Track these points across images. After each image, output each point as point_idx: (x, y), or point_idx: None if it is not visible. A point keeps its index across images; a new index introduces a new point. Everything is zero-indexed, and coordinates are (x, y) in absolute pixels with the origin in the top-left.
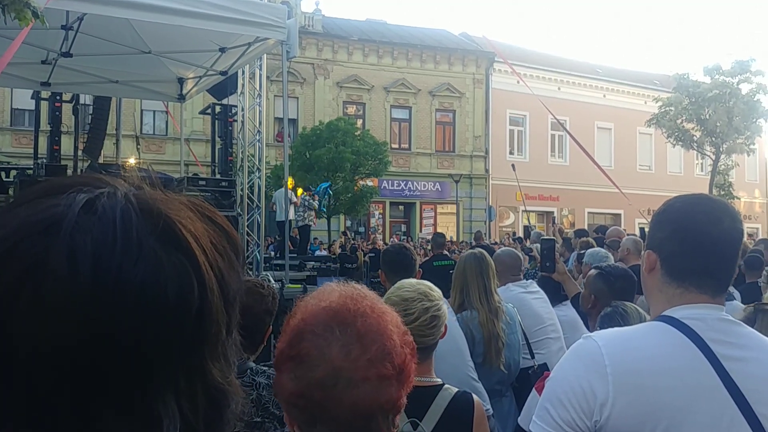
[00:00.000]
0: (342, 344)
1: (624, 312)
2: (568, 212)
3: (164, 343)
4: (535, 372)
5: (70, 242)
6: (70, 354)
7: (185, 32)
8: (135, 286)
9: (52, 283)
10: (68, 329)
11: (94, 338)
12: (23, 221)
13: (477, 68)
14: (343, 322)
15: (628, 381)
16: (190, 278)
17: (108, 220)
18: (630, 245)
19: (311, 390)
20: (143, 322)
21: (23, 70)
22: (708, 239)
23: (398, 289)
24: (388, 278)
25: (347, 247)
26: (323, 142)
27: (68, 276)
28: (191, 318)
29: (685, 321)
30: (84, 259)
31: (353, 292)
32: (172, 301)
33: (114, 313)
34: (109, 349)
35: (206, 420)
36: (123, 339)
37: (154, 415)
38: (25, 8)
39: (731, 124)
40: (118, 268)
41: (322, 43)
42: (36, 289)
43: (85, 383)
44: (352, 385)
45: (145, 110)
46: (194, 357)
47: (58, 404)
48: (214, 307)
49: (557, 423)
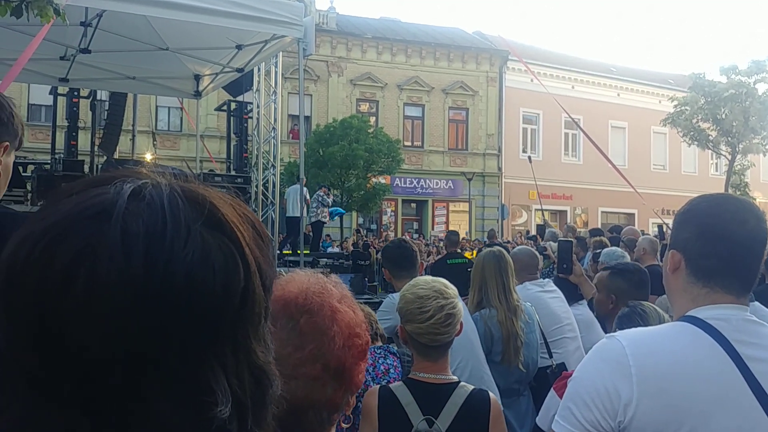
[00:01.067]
0: (280, 338)
1: (643, 312)
2: (581, 211)
3: (213, 320)
4: (554, 371)
5: (123, 225)
6: (124, 334)
7: (202, 29)
8: (185, 267)
9: (107, 264)
10: (123, 309)
11: (148, 317)
12: (73, 208)
13: (490, 66)
14: (290, 315)
15: (653, 381)
16: (235, 260)
17: (156, 205)
18: (646, 245)
19: None
20: (194, 301)
21: (42, 66)
22: (734, 239)
23: (413, 287)
24: (392, 273)
25: (360, 245)
26: (336, 139)
27: (122, 257)
28: (237, 297)
29: (710, 321)
30: (136, 242)
31: (312, 286)
32: (219, 281)
33: (166, 293)
34: (162, 327)
35: (252, 398)
36: (175, 318)
37: (207, 389)
38: (47, 5)
39: (747, 124)
40: (169, 249)
41: (336, 40)
42: (91, 271)
43: (139, 362)
44: (283, 380)
45: (160, 106)
46: (240, 335)
47: (112, 384)
48: (257, 289)
49: (581, 423)
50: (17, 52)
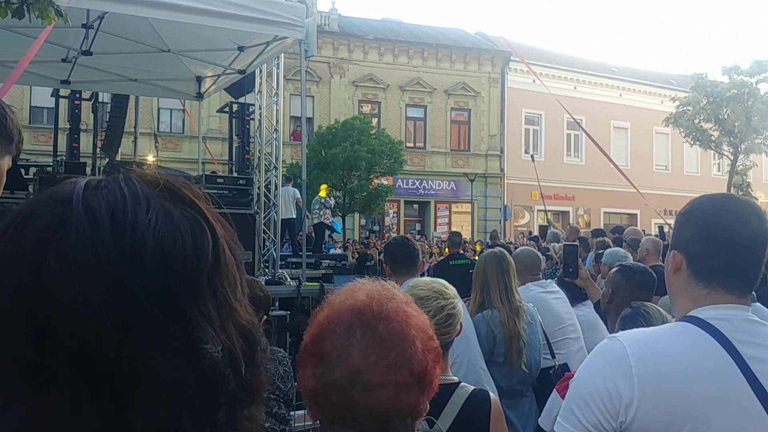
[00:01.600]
0: (361, 347)
1: (646, 313)
2: (583, 212)
3: (190, 277)
4: (556, 372)
5: (84, 203)
6: (105, 301)
7: (204, 31)
8: (152, 231)
9: (75, 238)
10: (99, 278)
11: (125, 281)
12: (34, 201)
13: (492, 67)
14: (366, 324)
15: (654, 382)
16: (200, 224)
17: (114, 186)
18: (649, 246)
19: (328, 390)
20: (168, 261)
21: (44, 68)
22: (735, 239)
23: (413, 288)
24: (393, 270)
25: (362, 251)
26: (339, 140)
27: (89, 230)
28: (209, 255)
29: (711, 321)
30: (100, 214)
31: (380, 293)
32: (188, 240)
33: (137, 257)
34: (142, 289)
35: (243, 353)
36: (152, 279)
37: (195, 337)
38: (49, 7)
39: (749, 124)
40: (133, 217)
41: (338, 42)
42: (60, 245)
43: (127, 327)
44: (369, 389)
45: (162, 108)
46: (219, 292)
47: (107, 350)
48: (226, 250)
49: (582, 424)
50: (19, 55)
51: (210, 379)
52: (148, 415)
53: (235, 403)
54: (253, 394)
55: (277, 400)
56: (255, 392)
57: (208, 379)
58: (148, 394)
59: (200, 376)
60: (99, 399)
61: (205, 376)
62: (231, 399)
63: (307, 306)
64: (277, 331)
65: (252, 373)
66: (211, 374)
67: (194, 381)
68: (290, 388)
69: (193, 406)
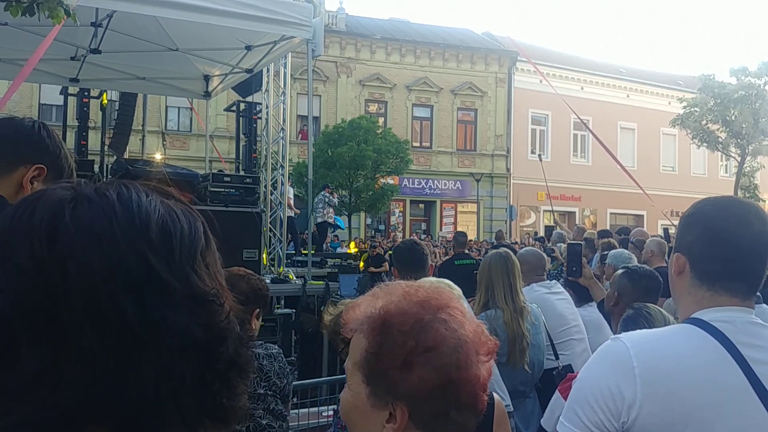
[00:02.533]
0: (462, 324)
1: (648, 314)
2: (590, 212)
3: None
4: (560, 373)
5: (92, 187)
6: (119, 260)
7: (212, 30)
8: (153, 208)
9: (88, 206)
10: (112, 240)
11: (135, 246)
12: (41, 189)
13: (499, 67)
14: (440, 308)
15: (656, 383)
16: (192, 213)
17: (114, 182)
18: (654, 247)
19: (453, 374)
20: (169, 233)
21: (53, 67)
22: (738, 242)
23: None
24: (401, 274)
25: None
26: (345, 140)
27: (99, 201)
28: (201, 235)
29: (714, 324)
30: (108, 192)
31: (428, 289)
32: (184, 221)
33: (144, 226)
34: (148, 253)
35: None
36: (156, 246)
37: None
38: (58, 6)
39: (757, 126)
40: (137, 197)
41: (345, 41)
42: (74, 213)
43: (138, 282)
44: (475, 361)
45: (170, 107)
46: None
47: (119, 303)
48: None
49: (585, 425)
50: (28, 53)
51: (212, 324)
52: (155, 365)
53: (230, 365)
54: (244, 366)
55: (274, 396)
56: (246, 364)
57: (210, 324)
58: (156, 344)
59: (201, 320)
60: (110, 349)
61: (206, 321)
62: (228, 358)
63: (313, 304)
64: (283, 329)
65: (241, 340)
66: (212, 319)
67: (196, 325)
68: (286, 384)
69: (198, 355)
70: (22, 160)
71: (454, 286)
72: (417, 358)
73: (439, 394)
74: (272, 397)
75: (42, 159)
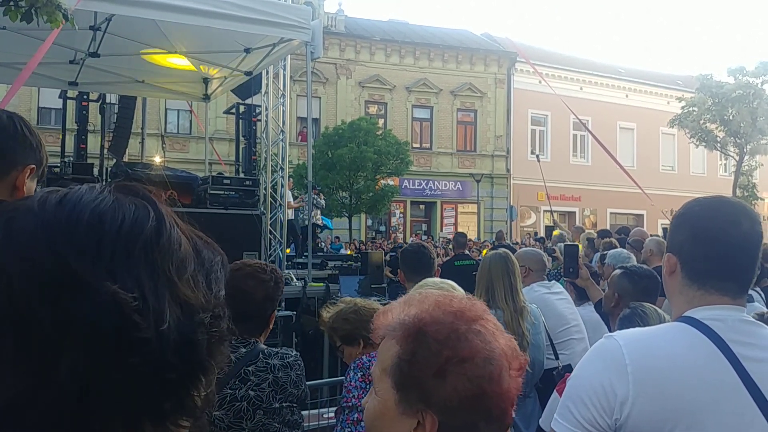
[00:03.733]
0: (476, 342)
1: (643, 313)
2: (590, 212)
3: (123, 245)
4: (559, 373)
5: (43, 194)
6: (37, 261)
7: (211, 33)
8: (92, 206)
9: (24, 214)
10: (35, 242)
11: (55, 245)
12: None
13: (499, 68)
14: (474, 320)
15: (649, 380)
16: (146, 209)
17: (75, 186)
18: (653, 246)
19: (488, 386)
20: (101, 229)
21: (51, 70)
22: (727, 242)
23: (421, 287)
24: (408, 277)
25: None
26: (345, 141)
27: (37, 208)
28: (148, 230)
29: (706, 322)
30: (52, 197)
31: (460, 299)
32: (127, 217)
33: (72, 224)
34: (69, 251)
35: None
36: (83, 243)
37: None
38: (57, 10)
39: (755, 125)
40: (78, 197)
41: (344, 43)
42: (9, 222)
43: (52, 281)
44: (509, 375)
45: (169, 109)
46: (156, 263)
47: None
48: (173, 230)
49: (578, 421)
50: (27, 56)
51: (118, 322)
52: (73, 365)
53: (163, 367)
54: (190, 365)
55: (290, 407)
56: (193, 367)
57: (117, 322)
58: (72, 344)
59: (109, 318)
60: (26, 352)
61: (113, 319)
62: (157, 359)
63: (313, 306)
64: (283, 331)
65: (186, 341)
66: (119, 318)
67: (104, 322)
68: (303, 390)
69: (107, 354)
70: (13, 164)
71: (457, 287)
72: (452, 368)
73: (471, 406)
74: (288, 408)
75: (30, 158)
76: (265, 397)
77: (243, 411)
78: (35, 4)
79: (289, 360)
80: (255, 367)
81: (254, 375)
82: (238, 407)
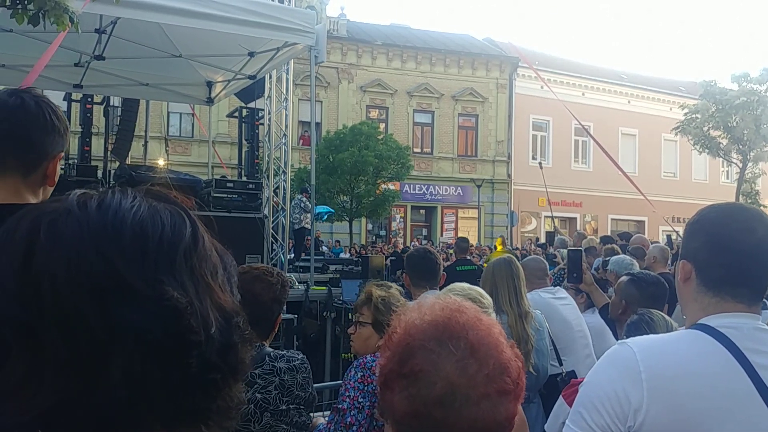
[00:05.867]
0: (456, 359)
1: (650, 320)
2: (591, 218)
3: (166, 252)
4: (563, 379)
5: (79, 197)
6: (84, 265)
7: (215, 36)
8: (132, 213)
9: (65, 218)
10: (81, 247)
11: (103, 251)
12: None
13: (500, 73)
14: (454, 335)
15: (663, 387)
16: (181, 215)
17: (106, 189)
18: (657, 253)
19: (429, 408)
20: (145, 236)
21: (57, 73)
22: (742, 249)
23: (449, 291)
24: (413, 282)
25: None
26: (346, 145)
27: (77, 211)
28: (187, 236)
29: (721, 329)
30: (90, 201)
31: (455, 304)
32: (168, 224)
33: (117, 230)
34: (116, 257)
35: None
36: (128, 249)
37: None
38: (64, 14)
39: (759, 132)
40: (118, 203)
41: (346, 47)
42: (50, 225)
43: (101, 286)
44: (472, 402)
45: (171, 112)
46: (196, 269)
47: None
48: (206, 237)
49: (591, 428)
50: (33, 59)
51: (174, 327)
52: (122, 369)
53: (209, 368)
54: (230, 366)
55: (297, 409)
56: (232, 368)
57: (173, 327)
58: (121, 348)
59: (164, 323)
60: (77, 355)
61: (169, 323)
62: (205, 361)
63: (315, 310)
64: (285, 334)
65: (227, 344)
66: (175, 323)
67: (158, 327)
68: (310, 392)
69: (162, 357)
70: (45, 156)
71: (485, 296)
72: (391, 382)
73: (419, 426)
74: (295, 410)
75: (59, 146)
76: (271, 399)
77: (250, 414)
78: (43, 7)
79: (295, 363)
80: (261, 370)
81: (261, 378)
82: (245, 410)
